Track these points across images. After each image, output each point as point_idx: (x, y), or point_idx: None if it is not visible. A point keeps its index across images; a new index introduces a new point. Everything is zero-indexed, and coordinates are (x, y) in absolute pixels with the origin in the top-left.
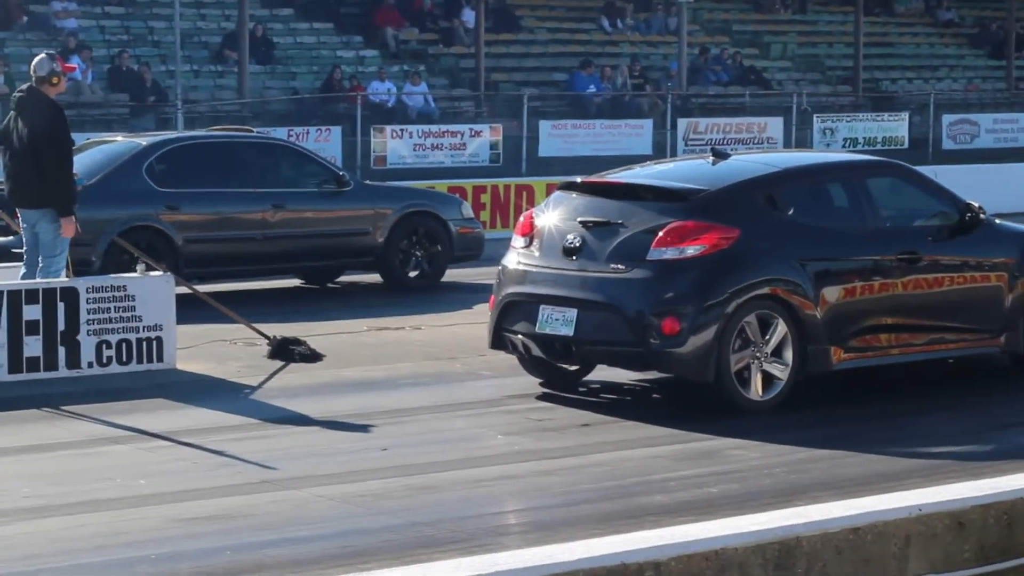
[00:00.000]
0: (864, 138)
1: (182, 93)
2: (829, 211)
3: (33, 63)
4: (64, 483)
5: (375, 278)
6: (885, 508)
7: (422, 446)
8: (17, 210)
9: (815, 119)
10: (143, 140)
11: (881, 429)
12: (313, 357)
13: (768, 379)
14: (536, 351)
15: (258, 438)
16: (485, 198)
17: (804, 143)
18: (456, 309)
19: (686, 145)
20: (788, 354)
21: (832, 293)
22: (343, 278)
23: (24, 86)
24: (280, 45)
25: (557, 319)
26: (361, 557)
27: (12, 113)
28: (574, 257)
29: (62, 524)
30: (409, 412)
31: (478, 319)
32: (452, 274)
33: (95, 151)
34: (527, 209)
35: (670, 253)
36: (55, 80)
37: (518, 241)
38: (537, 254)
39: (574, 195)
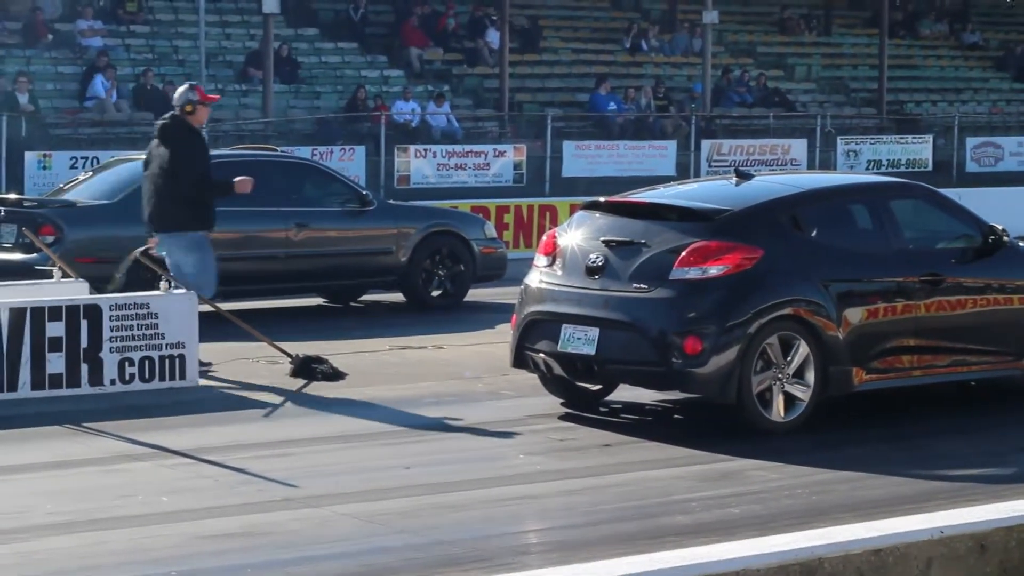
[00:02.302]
0: (888, 160)
1: None
2: (852, 232)
3: (175, 94)
4: (86, 500)
5: (398, 297)
6: (907, 530)
7: (445, 465)
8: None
9: (839, 141)
10: None
11: (902, 451)
12: (335, 375)
13: (790, 400)
14: (558, 370)
15: (280, 456)
16: (508, 218)
17: (828, 165)
18: (479, 329)
19: (710, 166)
20: (810, 375)
21: (855, 314)
22: (366, 297)
23: (168, 115)
24: (305, 64)
25: (579, 338)
26: (383, 575)
27: (155, 140)
28: (596, 276)
29: (85, 540)
30: (431, 431)
31: (501, 339)
32: (475, 294)
33: (120, 169)
34: (550, 229)
35: (693, 273)
36: (188, 108)
37: (541, 260)
38: (560, 273)
39: (597, 215)
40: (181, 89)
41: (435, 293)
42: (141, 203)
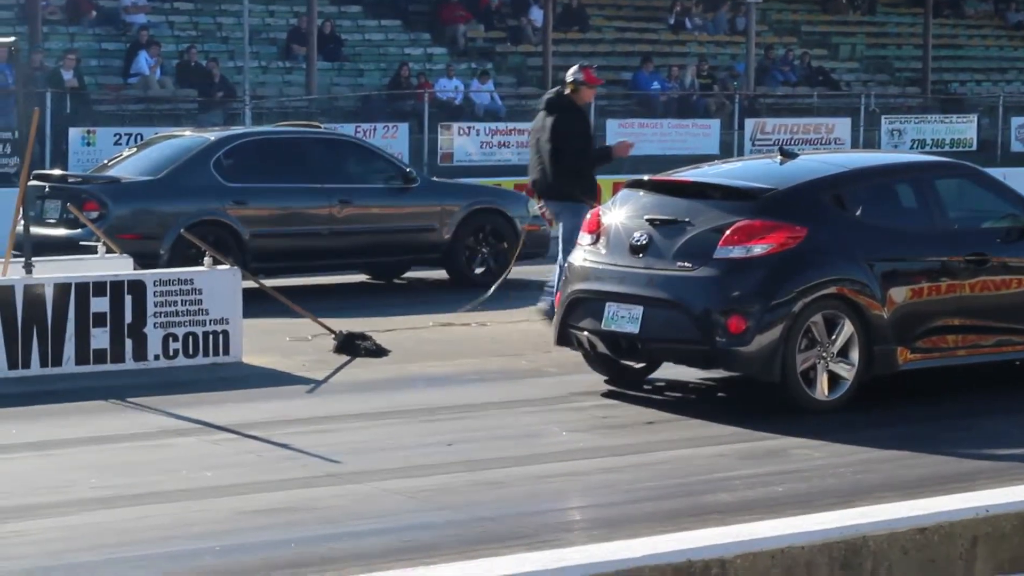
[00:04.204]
0: (932, 140)
1: (250, 89)
2: (897, 212)
3: (567, 72)
4: (130, 474)
5: (441, 274)
6: (952, 508)
7: (487, 442)
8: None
9: (883, 120)
10: (211, 135)
11: (947, 430)
12: (379, 352)
13: (834, 379)
14: (601, 348)
15: (323, 432)
16: None
17: (872, 144)
18: (522, 306)
19: (753, 145)
20: (854, 354)
21: (899, 294)
22: (409, 274)
23: (554, 89)
24: (348, 42)
25: (623, 316)
26: (425, 551)
27: (542, 113)
28: (641, 255)
29: (128, 515)
30: (475, 408)
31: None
32: (518, 271)
33: (163, 146)
34: (594, 207)
35: (737, 252)
36: (573, 88)
37: (585, 238)
38: (604, 251)
39: (641, 193)
40: (572, 68)
41: (478, 270)
42: (529, 168)
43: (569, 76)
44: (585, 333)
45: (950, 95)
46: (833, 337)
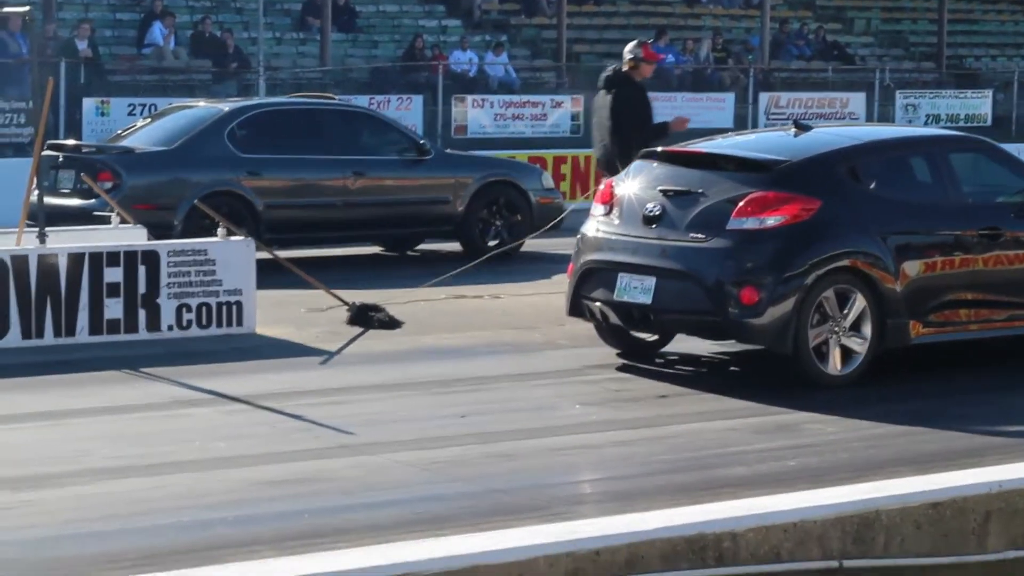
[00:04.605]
0: (947, 115)
1: (264, 60)
2: (911, 185)
3: (626, 48)
4: (143, 444)
5: (454, 246)
6: (965, 484)
7: (500, 414)
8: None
9: (898, 95)
10: (225, 106)
11: (959, 405)
12: (392, 324)
13: (847, 353)
14: (614, 319)
15: (336, 403)
16: (565, 168)
17: (886, 119)
18: (535, 279)
19: (767, 119)
20: (867, 328)
21: (912, 267)
22: (422, 246)
23: (612, 66)
24: (363, 13)
25: (635, 287)
26: (438, 523)
27: (602, 91)
28: (654, 225)
29: (141, 485)
30: (488, 380)
31: (557, 289)
32: (531, 244)
33: (177, 116)
34: (607, 178)
35: (750, 223)
36: (631, 65)
37: (598, 209)
38: (617, 222)
39: (655, 164)
40: (631, 44)
41: (492, 243)
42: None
43: (628, 53)
44: (598, 304)
45: (965, 70)
46: (845, 311)
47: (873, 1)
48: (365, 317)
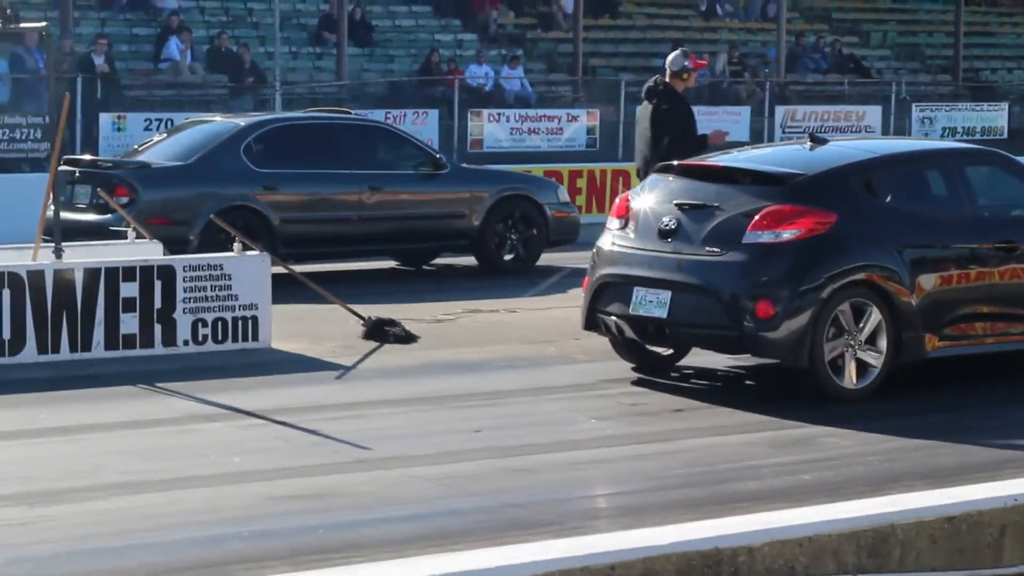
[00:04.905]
0: (963, 128)
1: (280, 75)
2: (927, 198)
3: (668, 58)
4: (158, 459)
5: (470, 261)
6: (980, 498)
7: (515, 429)
8: None
9: (914, 108)
10: (241, 120)
11: (975, 419)
12: (408, 338)
13: (862, 367)
14: (629, 333)
15: (352, 418)
16: (581, 183)
17: (902, 132)
18: (551, 293)
19: (783, 132)
20: (882, 342)
21: (928, 281)
22: (438, 260)
23: (656, 77)
24: (379, 28)
25: (651, 301)
26: (453, 538)
27: (645, 100)
28: (669, 239)
29: (156, 500)
30: (503, 395)
31: (573, 303)
32: (547, 258)
33: (193, 131)
34: (623, 193)
35: (766, 237)
36: (684, 76)
37: (613, 223)
38: (632, 236)
39: (670, 178)
40: (675, 55)
41: (507, 257)
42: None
43: (675, 64)
44: (613, 318)
45: (981, 83)
46: (861, 325)
47: (889, 14)
48: (381, 331)
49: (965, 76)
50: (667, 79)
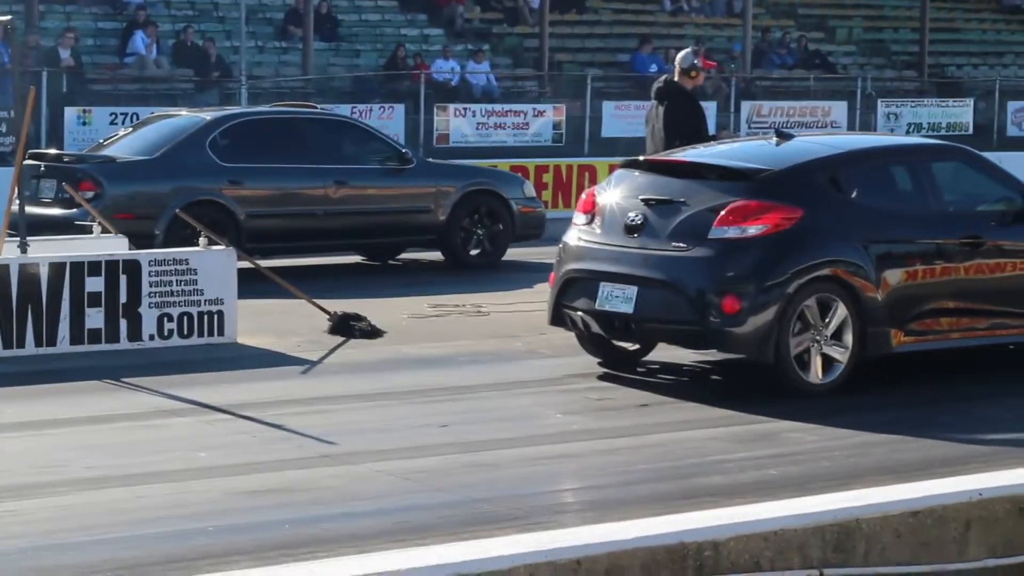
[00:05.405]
0: (928, 123)
1: (246, 69)
2: (893, 194)
3: (678, 56)
4: (124, 454)
5: (436, 256)
6: (945, 492)
7: (481, 423)
8: None
9: (879, 104)
10: (207, 115)
11: (940, 414)
12: (373, 333)
13: (828, 362)
14: (595, 328)
15: (317, 413)
16: (547, 178)
17: (868, 128)
18: (517, 288)
19: (749, 128)
20: (848, 337)
21: (894, 276)
22: (404, 255)
23: (664, 76)
24: (345, 22)
25: (617, 296)
26: (419, 532)
27: (654, 100)
28: (635, 235)
29: (121, 495)
30: (469, 389)
31: (538, 298)
32: (513, 253)
33: (159, 126)
34: (589, 188)
35: (732, 232)
36: (693, 74)
37: (579, 218)
38: (598, 231)
39: (636, 173)
40: (685, 53)
41: (473, 252)
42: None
43: (685, 61)
44: (579, 313)
45: (947, 79)
46: (827, 320)
47: (855, 10)
48: (346, 326)
49: (931, 72)
50: (675, 77)
